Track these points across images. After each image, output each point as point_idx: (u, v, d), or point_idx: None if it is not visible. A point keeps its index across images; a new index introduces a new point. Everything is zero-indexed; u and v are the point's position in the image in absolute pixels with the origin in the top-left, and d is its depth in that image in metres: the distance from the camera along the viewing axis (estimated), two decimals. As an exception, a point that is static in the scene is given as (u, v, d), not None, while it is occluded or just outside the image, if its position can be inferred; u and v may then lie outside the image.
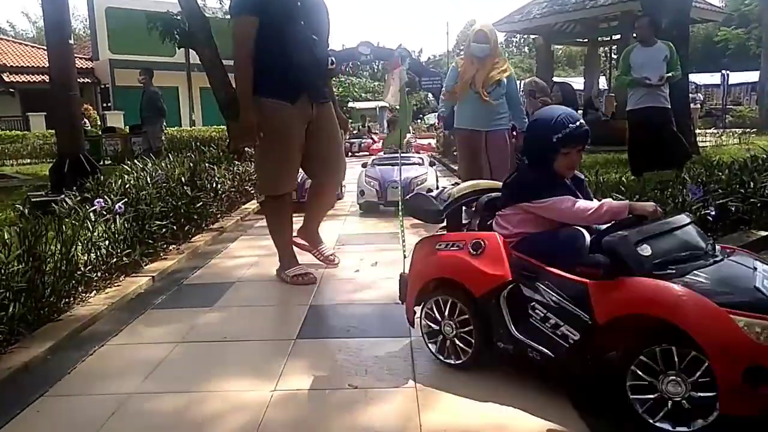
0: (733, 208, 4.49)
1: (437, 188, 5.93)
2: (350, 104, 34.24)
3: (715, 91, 29.79)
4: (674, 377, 1.94)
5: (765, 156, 5.59)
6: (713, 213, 4.12)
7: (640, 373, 2.02)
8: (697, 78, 26.10)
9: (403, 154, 6.72)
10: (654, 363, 1.98)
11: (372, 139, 18.55)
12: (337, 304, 3.69)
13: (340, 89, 42.20)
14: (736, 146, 12.18)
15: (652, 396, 2.00)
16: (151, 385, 2.60)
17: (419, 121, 32.52)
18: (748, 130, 15.68)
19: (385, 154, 8.12)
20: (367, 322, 3.31)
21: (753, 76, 25.12)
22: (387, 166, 7.15)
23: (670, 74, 6.46)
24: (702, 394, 1.90)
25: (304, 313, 3.47)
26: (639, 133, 6.67)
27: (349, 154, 15.34)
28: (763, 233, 4.53)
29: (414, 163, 7.40)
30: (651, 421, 2.00)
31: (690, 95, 11.66)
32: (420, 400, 2.35)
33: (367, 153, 16.19)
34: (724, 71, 26.84)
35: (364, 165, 7.49)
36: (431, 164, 7.61)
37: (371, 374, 2.62)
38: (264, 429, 2.20)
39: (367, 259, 4.77)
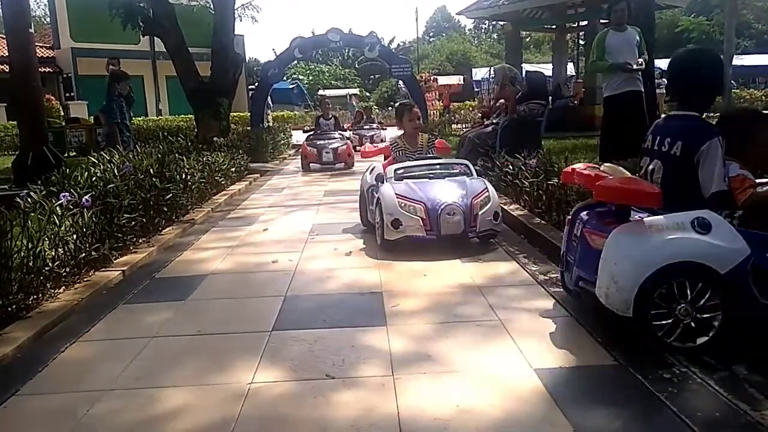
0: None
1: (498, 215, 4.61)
2: (320, 92, 34.02)
3: (680, 76, 30.27)
4: None
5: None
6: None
7: None
8: (662, 63, 26.49)
9: (437, 161, 5.11)
10: None
11: (344, 133, 12.06)
12: (313, 294, 3.68)
13: (310, 77, 41.94)
14: (700, 130, 12.42)
15: None
16: (125, 381, 2.57)
17: (390, 108, 32.39)
18: (712, 114, 16.01)
19: (398, 159, 5.13)
20: (343, 312, 3.31)
21: (716, 61, 25.61)
22: (425, 179, 4.74)
23: (642, 59, 6.53)
24: None
25: (280, 305, 3.46)
26: (616, 119, 6.63)
27: (318, 166, 10.51)
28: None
29: (460, 174, 4.89)
30: None
31: (655, 80, 11.85)
32: (397, 389, 2.37)
33: (343, 165, 10.52)
34: (688, 56, 27.28)
35: (379, 179, 4.88)
36: (480, 174, 5.15)
37: (348, 364, 2.63)
38: (242, 421, 2.19)
39: (341, 248, 4.76)
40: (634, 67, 6.41)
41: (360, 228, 5.46)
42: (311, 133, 11.50)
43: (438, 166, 4.97)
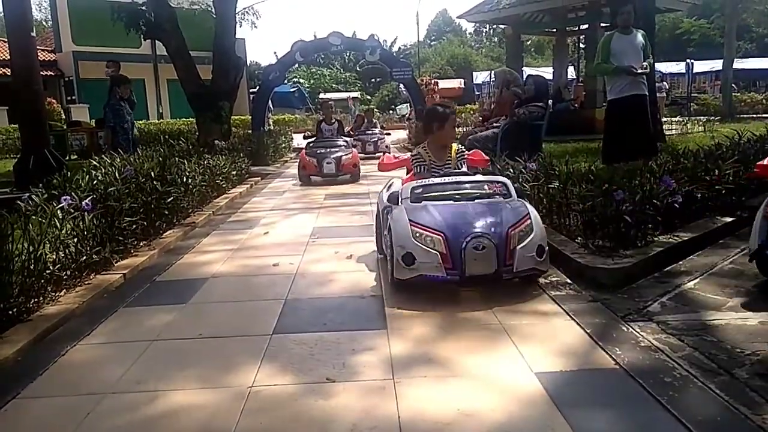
0: (698, 196, 4.60)
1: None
2: (321, 95, 34.02)
3: (680, 79, 30.36)
4: None
5: (729, 144, 5.74)
6: (679, 201, 4.21)
7: None
8: (662, 67, 26.57)
9: (466, 178, 4.08)
10: None
11: (348, 139, 10.63)
12: (313, 297, 3.68)
13: (311, 80, 42.00)
14: (700, 134, 12.45)
15: None
16: (125, 384, 2.57)
17: (391, 111, 32.40)
18: (712, 117, 16.04)
19: (419, 175, 4.21)
20: (344, 315, 3.32)
21: (717, 65, 25.71)
22: (449, 201, 3.77)
23: (647, 62, 6.54)
24: None
25: (280, 308, 3.46)
26: (619, 122, 6.63)
27: (320, 179, 9.30)
28: (728, 219, 4.66)
29: (495, 194, 3.90)
30: None
31: (656, 84, 11.87)
32: (398, 392, 2.37)
33: (348, 176, 9.31)
34: (688, 60, 27.37)
35: (393, 200, 4.06)
36: (521, 194, 4.09)
37: (349, 367, 2.63)
38: (242, 425, 2.19)
39: (342, 251, 4.76)
40: (639, 70, 6.40)
41: (361, 231, 5.46)
42: (312, 139, 10.32)
43: (467, 185, 3.98)
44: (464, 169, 4.32)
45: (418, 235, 3.46)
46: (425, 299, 3.47)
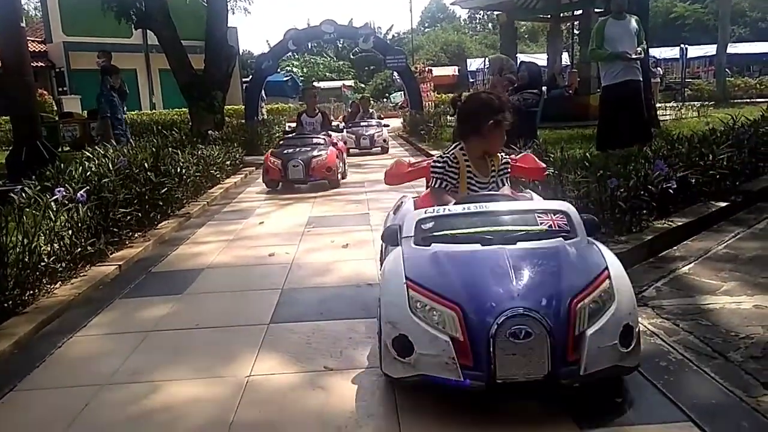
0: (693, 181, 4.62)
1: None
2: (314, 83, 33.84)
3: (675, 65, 30.34)
4: None
5: (723, 128, 5.75)
6: (674, 186, 4.21)
7: None
8: (656, 52, 26.52)
9: (506, 206, 2.48)
10: None
11: (336, 134, 9.08)
12: (310, 287, 3.68)
13: (304, 69, 41.80)
14: (695, 119, 12.46)
15: None
16: (123, 375, 2.57)
17: (385, 99, 32.28)
18: (706, 103, 16.02)
19: (435, 188, 2.84)
20: (340, 304, 3.32)
21: (711, 50, 25.69)
22: (475, 245, 2.25)
23: (641, 48, 6.54)
24: None
25: (277, 298, 3.47)
26: (614, 108, 6.64)
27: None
28: (722, 204, 4.68)
29: (551, 233, 2.31)
30: None
31: (650, 69, 11.86)
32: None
33: (321, 180, 7.48)
34: (682, 45, 27.33)
35: (389, 238, 2.56)
36: (592, 229, 2.39)
37: (346, 356, 2.64)
38: (240, 414, 2.20)
39: (338, 240, 4.76)
40: (633, 56, 6.40)
41: (356, 220, 5.45)
42: (291, 134, 8.64)
43: (505, 216, 2.41)
44: (506, 188, 2.86)
45: (419, 305, 2.08)
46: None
